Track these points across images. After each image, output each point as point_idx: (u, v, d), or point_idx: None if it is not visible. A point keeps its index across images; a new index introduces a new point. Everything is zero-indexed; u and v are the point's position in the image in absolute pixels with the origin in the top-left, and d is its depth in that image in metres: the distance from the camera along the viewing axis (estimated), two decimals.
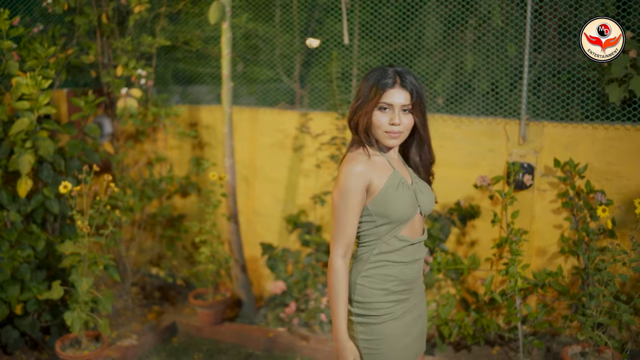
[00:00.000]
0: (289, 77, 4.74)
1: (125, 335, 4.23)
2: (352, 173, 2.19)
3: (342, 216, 2.19)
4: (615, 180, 3.82)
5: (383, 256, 2.24)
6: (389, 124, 2.20)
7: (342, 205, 2.19)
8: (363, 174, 2.19)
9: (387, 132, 2.22)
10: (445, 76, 4.30)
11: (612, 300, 3.40)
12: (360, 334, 2.25)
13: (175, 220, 4.92)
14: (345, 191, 2.18)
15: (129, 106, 4.29)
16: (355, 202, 2.19)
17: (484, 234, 4.18)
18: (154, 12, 4.65)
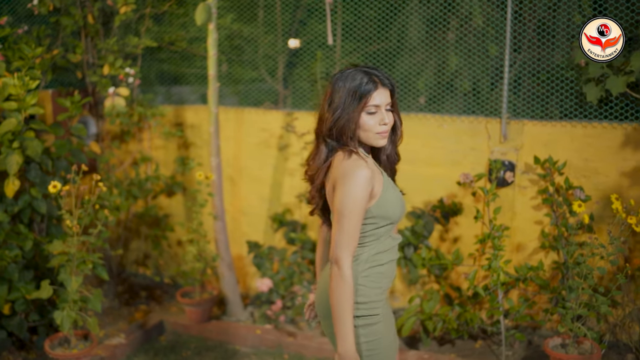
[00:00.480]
0: (272, 78, 4.79)
1: (112, 334, 4.26)
2: (361, 181, 2.15)
3: (352, 224, 2.14)
4: (593, 177, 3.94)
5: (379, 255, 2.27)
6: (379, 124, 2.23)
7: (352, 214, 2.14)
8: (370, 180, 2.16)
9: (378, 133, 2.23)
10: (427, 76, 4.39)
11: (590, 292, 3.50)
12: (362, 337, 2.24)
13: (161, 220, 4.95)
14: (355, 200, 2.14)
15: (117, 105, 4.32)
16: (364, 209, 2.18)
17: (466, 230, 4.27)
18: (139, 12, 4.67)
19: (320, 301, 2.36)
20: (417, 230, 4.21)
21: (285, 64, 4.76)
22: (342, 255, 2.12)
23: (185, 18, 4.85)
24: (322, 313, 2.36)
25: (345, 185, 2.16)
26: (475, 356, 3.97)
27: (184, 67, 4.98)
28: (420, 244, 4.22)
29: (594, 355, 3.51)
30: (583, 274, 3.51)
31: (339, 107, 2.21)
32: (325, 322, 2.36)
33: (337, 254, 2.13)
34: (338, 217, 2.16)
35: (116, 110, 4.38)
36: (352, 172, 2.16)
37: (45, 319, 4.04)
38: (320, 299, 2.37)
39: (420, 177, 4.32)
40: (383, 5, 4.35)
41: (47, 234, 4.16)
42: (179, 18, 4.83)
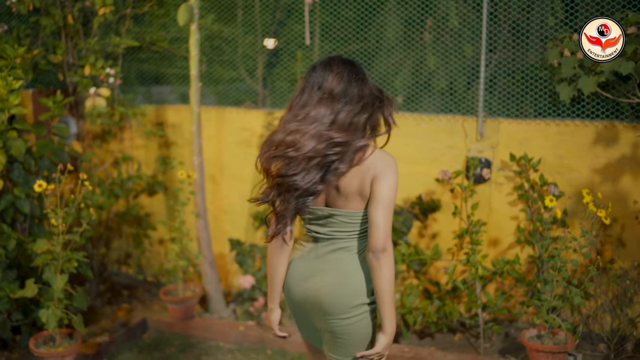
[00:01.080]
0: (251, 78, 4.85)
1: (96, 332, 4.28)
2: (397, 172, 2.31)
3: (392, 209, 2.27)
4: (566, 173, 4.07)
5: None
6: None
7: (395, 198, 2.27)
8: None
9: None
10: (404, 75, 4.49)
11: (565, 284, 3.63)
12: (373, 320, 2.38)
13: (142, 219, 4.98)
14: (396, 190, 2.28)
15: (97, 105, 4.35)
16: None
17: (444, 226, 4.38)
18: (119, 13, 4.70)
19: (332, 297, 2.35)
20: (396, 226, 4.30)
21: (264, 64, 4.82)
22: (390, 243, 2.24)
23: (165, 19, 4.89)
24: (333, 310, 2.35)
25: (391, 177, 2.26)
26: (454, 349, 4.08)
27: (163, 67, 5.02)
28: (399, 239, 4.32)
29: (568, 345, 3.64)
30: (557, 267, 3.63)
31: (373, 100, 2.34)
32: (331, 319, 2.38)
33: (387, 242, 2.23)
34: (385, 207, 2.22)
35: (97, 110, 4.41)
36: (393, 164, 2.30)
37: (28, 318, 4.05)
38: (333, 294, 2.35)
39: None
40: (361, 6, 4.44)
41: (29, 233, 4.17)
42: (159, 18, 4.86)
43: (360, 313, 2.33)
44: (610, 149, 3.96)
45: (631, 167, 3.93)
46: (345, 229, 2.35)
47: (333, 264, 2.36)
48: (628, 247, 4.00)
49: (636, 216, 3.94)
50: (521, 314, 4.11)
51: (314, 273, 2.38)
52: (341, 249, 2.36)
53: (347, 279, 2.33)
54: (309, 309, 2.41)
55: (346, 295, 2.32)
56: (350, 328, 2.34)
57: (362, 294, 2.33)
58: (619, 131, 3.93)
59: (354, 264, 2.35)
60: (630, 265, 3.90)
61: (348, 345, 2.36)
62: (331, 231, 2.37)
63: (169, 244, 5.07)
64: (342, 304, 2.32)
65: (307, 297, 2.39)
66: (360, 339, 2.36)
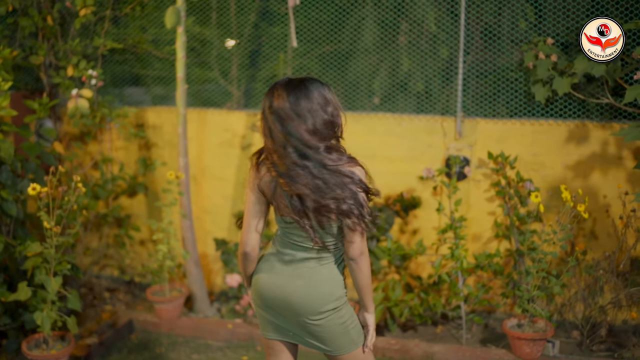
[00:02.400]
0: (225, 79, 4.90)
1: (83, 334, 4.27)
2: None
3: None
4: (541, 170, 4.29)
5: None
6: None
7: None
8: None
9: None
10: (381, 77, 4.63)
11: (544, 275, 3.84)
12: (345, 314, 2.55)
13: (123, 220, 4.98)
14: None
15: (80, 107, 4.34)
16: None
17: (424, 222, 4.55)
18: (98, 14, 4.70)
19: (308, 299, 2.50)
20: (379, 223, 4.44)
21: (240, 66, 4.88)
22: (366, 247, 2.45)
23: (143, 20, 4.90)
24: (303, 311, 2.51)
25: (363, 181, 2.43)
26: (437, 340, 4.24)
27: (140, 69, 5.03)
28: (382, 236, 4.46)
29: (547, 333, 3.85)
30: (537, 259, 3.84)
31: (337, 109, 2.44)
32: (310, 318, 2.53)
33: (363, 248, 2.43)
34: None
35: (80, 111, 4.40)
36: (362, 174, 2.45)
37: (17, 322, 4.02)
38: (304, 298, 2.50)
39: (379, 173, 4.46)
40: (337, 9, 4.55)
41: (13, 236, 4.14)
42: (138, 20, 4.87)
43: (329, 315, 2.50)
44: (582, 146, 4.20)
45: (601, 163, 4.17)
46: (330, 237, 2.48)
47: (305, 271, 2.51)
48: (599, 240, 4.25)
49: (606, 209, 4.18)
50: (500, 304, 4.31)
51: (286, 276, 2.53)
52: (314, 259, 2.51)
53: (318, 287, 2.49)
54: (281, 305, 2.54)
55: (317, 301, 2.49)
56: (323, 326, 2.51)
57: (332, 300, 2.50)
58: (590, 130, 4.17)
59: (327, 273, 2.52)
60: (601, 256, 4.14)
61: (329, 339, 2.54)
62: (305, 241, 2.49)
63: (150, 245, 5.09)
64: (312, 307, 2.49)
65: (278, 294, 2.53)
66: (337, 332, 2.53)
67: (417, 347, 4.08)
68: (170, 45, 4.76)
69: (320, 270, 2.51)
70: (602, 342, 4.10)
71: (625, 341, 4.07)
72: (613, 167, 4.15)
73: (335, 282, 2.52)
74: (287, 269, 2.53)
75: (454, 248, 4.04)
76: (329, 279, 2.51)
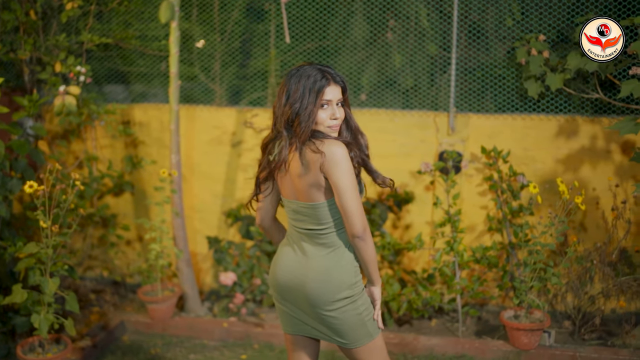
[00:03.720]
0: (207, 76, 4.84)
1: (74, 337, 4.16)
2: (347, 156, 2.38)
3: (356, 193, 2.37)
4: (532, 164, 4.37)
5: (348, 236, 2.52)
6: (330, 119, 2.44)
7: (353, 183, 2.36)
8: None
9: (329, 127, 2.45)
10: (370, 73, 4.64)
11: (542, 266, 3.91)
12: (361, 306, 2.51)
13: (109, 220, 4.87)
14: (352, 173, 2.37)
15: (68, 104, 4.22)
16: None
17: (417, 217, 4.58)
18: (83, 9, 4.58)
19: (320, 288, 2.48)
20: (373, 218, 4.46)
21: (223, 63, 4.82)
22: (366, 222, 2.39)
23: (127, 16, 4.80)
24: (317, 302, 2.49)
25: (341, 164, 2.35)
26: (433, 333, 4.28)
27: (123, 66, 4.92)
28: (377, 231, 4.48)
29: (544, 323, 3.93)
30: (535, 251, 3.91)
31: (297, 101, 2.41)
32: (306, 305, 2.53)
33: (364, 223, 2.37)
34: (349, 193, 2.34)
35: (67, 109, 4.28)
36: (339, 150, 2.36)
37: (6, 326, 3.89)
38: (317, 289, 2.48)
39: None
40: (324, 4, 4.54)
41: (0, 237, 4.01)
42: (123, 15, 4.77)
43: (344, 305, 2.48)
44: (571, 141, 4.30)
45: (590, 157, 4.28)
46: (316, 222, 2.47)
47: (315, 261, 2.50)
48: (589, 231, 4.35)
49: (596, 202, 4.29)
50: (495, 297, 4.38)
51: (299, 267, 2.53)
52: (322, 245, 2.49)
53: (329, 276, 2.47)
54: (296, 296, 2.54)
55: (329, 291, 2.47)
56: (339, 318, 2.49)
57: (345, 288, 2.48)
58: (579, 124, 4.27)
59: (335, 261, 2.49)
60: (592, 247, 4.25)
61: (344, 332, 2.51)
62: (306, 225, 2.50)
63: (137, 245, 4.99)
64: (326, 297, 2.47)
65: (293, 286, 2.54)
66: (353, 324, 2.50)
67: (416, 341, 4.11)
68: (158, 41, 4.68)
69: (329, 257, 2.48)
70: (594, 331, 4.20)
71: (615, 329, 4.19)
72: (602, 160, 4.26)
73: (345, 269, 2.48)
74: (296, 258, 2.54)
75: (452, 242, 4.08)
76: (339, 266, 2.48)
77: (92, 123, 4.77)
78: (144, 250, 4.96)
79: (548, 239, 3.98)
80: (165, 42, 4.61)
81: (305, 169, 2.41)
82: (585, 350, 3.92)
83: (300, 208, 2.48)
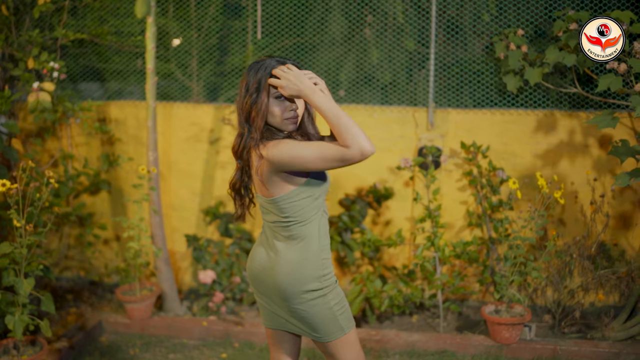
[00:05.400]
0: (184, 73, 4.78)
1: (51, 339, 4.08)
2: (290, 141, 2.31)
3: (326, 149, 2.25)
4: (511, 159, 4.38)
5: (322, 229, 2.48)
6: (286, 111, 2.38)
7: (312, 152, 2.25)
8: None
9: (287, 119, 2.39)
10: (348, 69, 4.61)
11: (523, 260, 3.91)
12: (332, 300, 2.48)
13: (85, 219, 4.79)
14: (297, 147, 2.28)
15: (42, 101, 4.14)
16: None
17: (397, 213, 4.57)
18: (57, 4, 4.49)
19: (285, 286, 2.46)
20: (353, 215, 4.44)
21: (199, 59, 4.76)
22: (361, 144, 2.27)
23: (102, 12, 4.72)
24: (287, 296, 2.47)
25: (285, 149, 2.28)
26: (415, 329, 4.27)
27: (98, 63, 4.84)
28: (356, 227, 4.46)
29: (525, 317, 3.93)
30: (515, 245, 3.91)
31: (254, 93, 2.36)
32: (270, 299, 2.53)
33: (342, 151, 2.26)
34: (317, 161, 2.26)
35: (41, 106, 4.20)
36: (280, 142, 2.32)
37: None
38: (286, 282, 2.46)
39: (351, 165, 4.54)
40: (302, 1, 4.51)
41: None
42: (98, 11, 4.69)
43: (314, 298, 2.45)
44: (550, 135, 4.31)
45: (568, 151, 4.29)
46: (280, 215, 2.42)
47: (282, 254, 2.47)
48: (567, 225, 4.37)
49: (575, 196, 4.31)
50: (475, 292, 4.38)
51: (268, 260, 2.51)
52: (288, 238, 2.45)
53: (295, 268, 2.44)
54: (269, 289, 2.52)
55: (296, 283, 2.44)
56: (309, 312, 2.47)
57: (312, 280, 2.44)
58: (558, 119, 4.28)
59: (301, 253, 2.45)
60: (571, 241, 4.27)
61: (314, 326, 2.49)
62: (272, 218, 2.46)
63: (115, 244, 4.92)
64: (294, 290, 2.45)
65: (264, 280, 2.52)
66: (325, 318, 2.48)
67: (397, 337, 4.09)
68: (134, 37, 4.61)
69: (295, 250, 2.44)
70: (573, 325, 4.22)
71: (594, 322, 4.21)
72: (580, 154, 4.28)
73: (311, 261, 2.44)
74: (266, 252, 2.52)
75: (433, 237, 4.07)
76: (304, 259, 2.44)
77: (67, 121, 4.69)
78: (121, 249, 4.89)
79: (528, 233, 3.99)
80: (141, 38, 4.55)
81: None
82: (565, 344, 3.93)
83: (264, 202, 2.45)
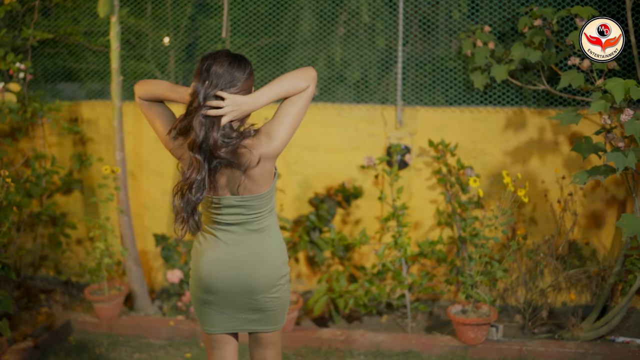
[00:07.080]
0: (161, 73, 4.78)
1: (17, 339, 4.09)
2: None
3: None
4: (480, 157, 4.33)
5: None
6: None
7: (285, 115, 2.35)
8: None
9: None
10: (319, 68, 4.58)
11: (487, 260, 3.87)
12: (287, 291, 2.58)
13: (58, 219, 4.80)
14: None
15: (8, 101, 4.15)
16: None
17: (366, 212, 4.54)
18: (27, 5, 4.50)
19: (263, 278, 2.48)
20: (322, 214, 4.41)
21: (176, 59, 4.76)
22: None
23: (74, 12, 4.73)
24: (263, 288, 2.49)
25: (280, 127, 2.36)
26: (383, 330, 4.24)
27: (73, 63, 4.85)
28: (324, 227, 4.43)
29: (491, 317, 3.89)
30: (480, 245, 3.87)
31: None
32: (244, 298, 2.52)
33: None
34: (290, 120, 2.36)
35: (7, 106, 4.22)
36: (265, 126, 2.39)
37: None
38: (264, 274, 2.48)
39: (321, 163, 4.54)
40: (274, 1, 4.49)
41: None
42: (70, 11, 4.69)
43: (284, 284, 2.53)
44: (520, 133, 4.26)
45: (538, 149, 4.24)
46: (252, 211, 2.44)
47: (254, 247, 2.47)
48: (539, 224, 4.32)
49: (545, 194, 4.26)
50: (444, 292, 4.34)
51: (237, 259, 2.47)
52: (255, 231, 2.47)
53: (271, 257, 2.50)
54: (235, 292, 2.48)
55: (273, 272, 2.49)
56: (281, 297, 2.53)
57: (283, 266, 2.53)
58: (527, 116, 4.23)
59: (272, 242, 2.51)
60: (541, 240, 4.22)
61: (277, 314, 2.55)
62: (238, 218, 2.45)
63: (87, 243, 4.92)
64: (271, 281, 2.49)
65: (236, 282, 2.47)
66: (286, 302, 2.58)
67: (363, 337, 4.06)
68: (105, 36, 4.61)
69: (265, 241, 2.49)
70: (544, 325, 4.17)
71: (565, 322, 4.16)
72: (550, 152, 4.23)
73: (281, 247, 2.54)
74: (232, 252, 2.47)
75: (397, 236, 4.04)
76: (276, 246, 2.52)
77: (38, 121, 4.70)
78: (93, 249, 4.89)
79: (494, 232, 3.95)
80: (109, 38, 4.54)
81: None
82: (532, 344, 3.89)
83: (248, 201, 2.41)
